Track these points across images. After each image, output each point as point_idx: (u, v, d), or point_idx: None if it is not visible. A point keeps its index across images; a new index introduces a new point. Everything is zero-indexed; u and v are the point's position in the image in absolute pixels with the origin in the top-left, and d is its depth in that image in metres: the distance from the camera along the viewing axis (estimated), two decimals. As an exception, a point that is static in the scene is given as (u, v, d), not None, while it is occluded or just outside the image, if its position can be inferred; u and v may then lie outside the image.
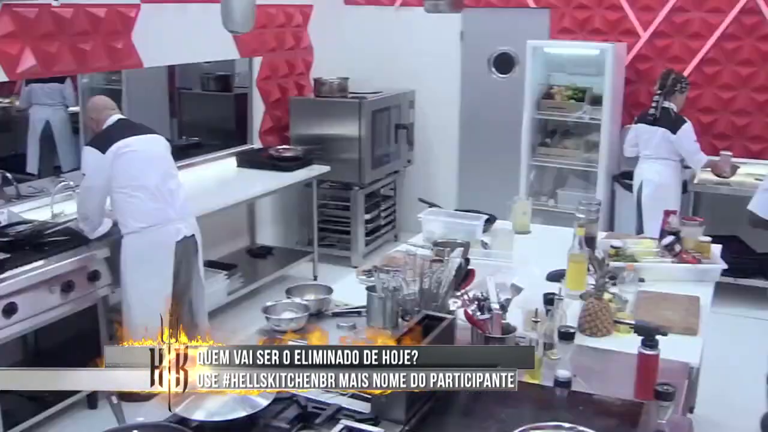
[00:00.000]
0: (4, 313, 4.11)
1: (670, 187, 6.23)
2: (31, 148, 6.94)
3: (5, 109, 8.68)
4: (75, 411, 4.81)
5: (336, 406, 2.59)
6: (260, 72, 7.27)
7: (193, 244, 4.92)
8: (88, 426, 4.26)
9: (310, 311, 3.37)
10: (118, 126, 4.79)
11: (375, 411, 2.54)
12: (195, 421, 2.42)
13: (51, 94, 7.20)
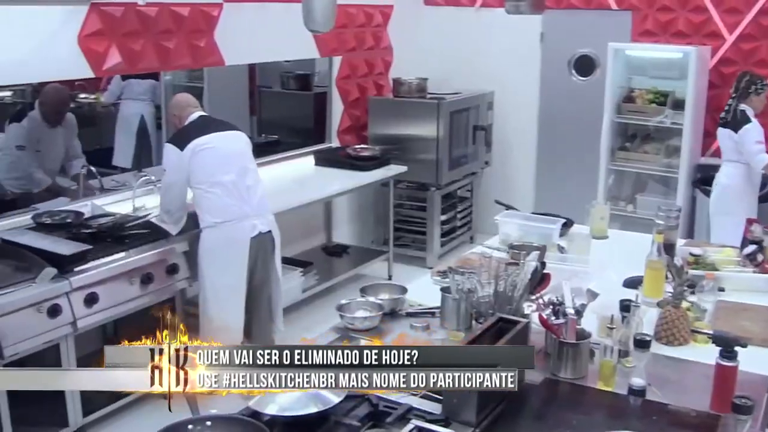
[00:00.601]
0: (86, 302, 4.22)
1: (738, 190, 6.01)
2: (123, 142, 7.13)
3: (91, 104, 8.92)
4: (150, 400, 4.88)
5: (407, 405, 2.59)
6: (340, 71, 7.32)
7: (270, 241, 4.97)
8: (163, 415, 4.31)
9: (384, 310, 3.38)
10: (198, 123, 4.88)
11: (446, 412, 2.54)
12: (267, 415, 2.45)
13: (145, 90, 7.39)
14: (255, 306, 5.00)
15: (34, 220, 4.81)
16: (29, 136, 5.47)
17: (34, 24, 4.66)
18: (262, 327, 5.08)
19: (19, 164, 5.49)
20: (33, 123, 5.46)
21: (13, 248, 4.33)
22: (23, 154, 5.48)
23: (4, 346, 3.82)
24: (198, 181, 4.71)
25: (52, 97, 5.53)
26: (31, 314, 3.96)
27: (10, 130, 5.55)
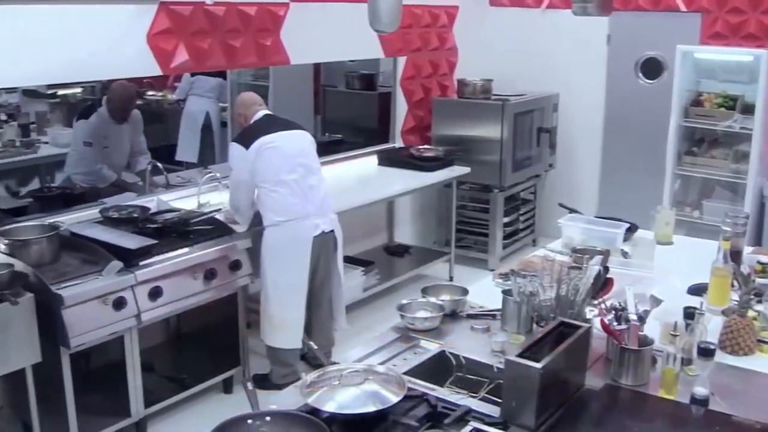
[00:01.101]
0: (150, 296, 4.28)
1: None
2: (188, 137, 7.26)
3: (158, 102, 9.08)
4: (211, 394, 4.97)
5: (466, 407, 2.58)
6: (404, 71, 7.32)
7: (332, 240, 5.00)
8: (223, 410, 4.36)
9: (445, 312, 3.37)
10: (263, 122, 4.93)
11: (504, 415, 2.52)
12: (325, 413, 2.45)
13: (212, 87, 7.52)
14: (316, 304, 5.03)
15: (102, 214, 4.90)
16: (96, 132, 5.58)
17: (105, 22, 4.74)
18: (322, 325, 5.12)
19: (85, 160, 5.61)
20: (100, 119, 5.57)
21: (80, 241, 4.41)
22: (90, 150, 5.60)
23: (71, 337, 3.90)
24: (262, 180, 4.76)
25: (120, 93, 5.64)
26: (96, 306, 4.03)
27: (78, 126, 5.67)
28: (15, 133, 6.56)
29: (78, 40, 4.61)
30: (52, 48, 4.49)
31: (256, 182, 4.78)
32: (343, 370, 2.65)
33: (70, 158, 5.65)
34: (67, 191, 5.50)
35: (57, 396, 4.04)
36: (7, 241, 4.20)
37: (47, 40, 4.46)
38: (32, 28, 4.40)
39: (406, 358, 3.07)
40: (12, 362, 3.80)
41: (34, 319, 3.82)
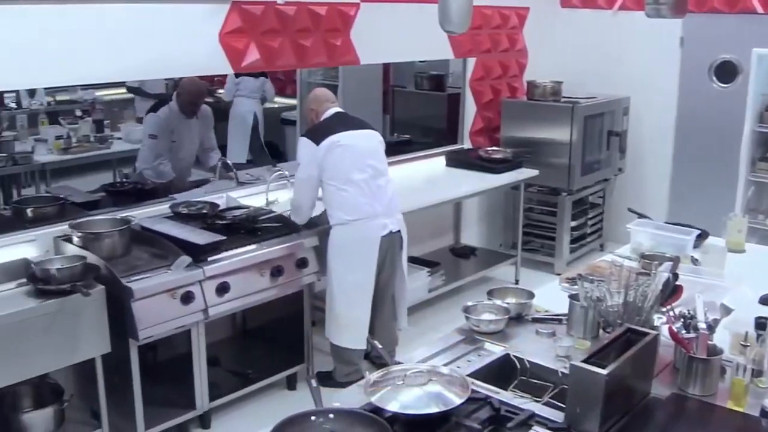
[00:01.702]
0: (218, 291, 4.34)
1: None
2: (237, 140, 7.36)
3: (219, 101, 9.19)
4: (275, 390, 5.02)
5: (529, 412, 2.57)
6: (473, 72, 7.30)
7: (399, 240, 5.01)
8: (286, 405, 4.40)
9: (510, 315, 3.35)
10: (334, 119, 4.95)
11: (568, 421, 2.50)
12: (388, 412, 2.46)
13: (257, 87, 7.61)
14: (379, 303, 5.04)
15: (172, 210, 4.99)
16: (164, 126, 5.68)
17: (179, 21, 4.82)
18: (384, 324, 5.13)
19: (150, 152, 5.71)
20: (170, 114, 5.67)
21: (151, 235, 4.50)
22: (154, 143, 5.70)
23: (140, 329, 3.98)
24: (331, 178, 4.78)
25: (189, 88, 5.73)
26: (165, 300, 4.10)
27: (146, 120, 5.79)
28: (89, 128, 6.72)
29: (152, 38, 4.70)
30: (127, 46, 4.58)
31: (325, 180, 4.80)
32: (406, 370, 2.65)
33: (140, 153, 5.77)
34: (139, 186, 5.62)
35: (125, 386, 4.12)
36: (80, 234, 4.31)
37: (122, 38, 4.55)
38: (108, 26, 4.49)
39: (470, 360, 3.06)
40: (82, 352, 3.90)
41: (104, 310, 3.91)
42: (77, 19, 4.34)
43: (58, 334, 3.76)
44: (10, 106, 6.57)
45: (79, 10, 4.34)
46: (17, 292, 3.90)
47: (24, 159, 5.98)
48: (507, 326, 3.30)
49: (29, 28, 4.15)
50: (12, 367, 3.66)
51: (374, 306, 4.99)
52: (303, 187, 4.88)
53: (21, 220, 4.64)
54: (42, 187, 5.98)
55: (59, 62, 4.30)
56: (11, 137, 6.20)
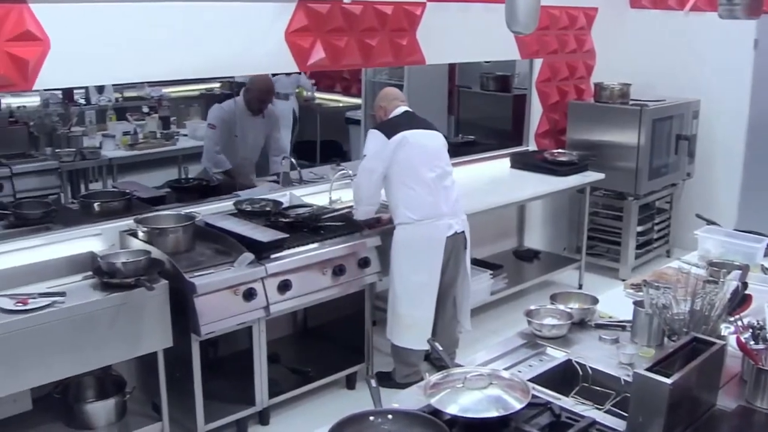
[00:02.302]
0: (279, 288, 4.38)
1: None
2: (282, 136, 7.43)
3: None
4: (334, 389, 5.04)
5: (590, 419, 2.54)
6: (540, 74, 7.24)
7: (463, 241, 5.00)
8: (345, 404, 4.45)
9: (573, 320, 3.32)
10: (404, 117, 4.96)
11: (630, 430, 2.46)
12: (448, 415, 2.45)
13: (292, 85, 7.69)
14: (441, 304, 5.03)
15: (236, 207, 5.05)
16: (227, 118, 5.76)
17: (246, 19, 4.87)
18: (446, 325, 5.11)
19: (209, 143, 5.80)
20: (235, 108, 5.74)
21: (214, 232, 4.56)
22: (212, 133, 5.78)
23: (202, 324, 4.04)
24: (400, 174, 4.77)
25: (258, 84, 5.80)
26: (227, 296, 4.16)
27: (211, 110, 5.87)
28: (156, 125, 6.85)
29: (219, 36, 4.75)
30: (195, 43, 4.64)
31: (393, 177, 4.79)
32: (467, 373, 2.65)
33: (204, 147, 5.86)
34: (203, 183, 5.70)
35: (185, 381, 4.19)
36: (145, 229, 4.39)
37: (190, 36, 4.61)
38: (177, 23, 4.55)
39: (532, 365, 3.04)
40: (145, 345, 3.97)
41: (167, 305, 3.98)
42: (146, 17, 4.41)
43: (121, 327, 3.84)
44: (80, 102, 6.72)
45: (147, 8, 4.41)
46: (83, 284, 3.99)
47: (92, 154, 6.13)
48: (569, 331, 3.27)
49: (98, 25, 4.22)
50: (77, 358, 3.75)
51: (436, 307, 4.98)
52: (364, 179, 4.85)
53: (88, 214, 4.75)
54: (109, 181, 6.12)
55: (128, 59, 4.37)
56: (80, 132, 6.36)
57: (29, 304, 3.65)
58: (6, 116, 6.30)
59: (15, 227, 4.55)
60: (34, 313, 3.60)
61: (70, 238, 4.41)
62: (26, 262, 4.16)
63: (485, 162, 6.94)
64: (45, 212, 4.69)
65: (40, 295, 3.74)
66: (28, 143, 5.99)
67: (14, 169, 5.51)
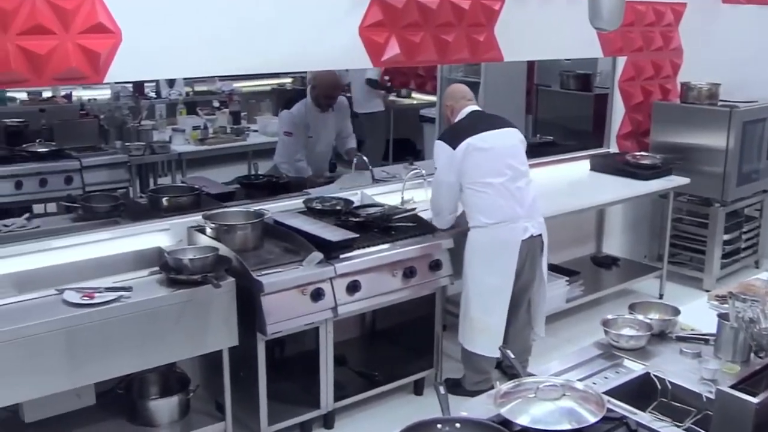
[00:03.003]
0: (348, 289, 4.40)
1: None
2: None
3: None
4: (401, 394, 5.04)
5: (668, 436, 2.51)
6: (623, 72, 7.14)
7: (539, 244, 4.95)
8: (412, 411, 4.45)
9: (653, 331, 3.27)
10: (470, 119, 4.93)
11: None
12: (518, 426, 2.44)
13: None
14: (515, 310, 4.99)
15: (305, 205, 5.09)
16: (299, 122, 5.82)
17: (319, 13, 4.89)
18: (519, 331, 5.08)
19: (286, 149, 5.85)
20: (305, 110, 5.81)
21: (283, 230, 4.60)
22: (289, 140, 5.86)
23: (268, 323, 4.07)
24: (470, 181, 4.75)
25: (324, 81, 5.84)
26: (295, 295, 4.18)
27: (281, 117, 5.94)
28: (226, 120, 6.95)
29: (291, 30, 4.78)
30: (268, 38, 4.68)
31: (463, 183, 4.78)
32: (539, 382, 2.62)
33: (277, 148, 5.92)
34: (273, 180, 5.77)
35: (250, 381, 4.23)
36: (213, 225, 4.45)
37: (263, 30, 4.66)
38: (248, 17, 4.60)
39: (608, 377, 3.00)
40: (210, 343, 4.03)
41: (233, 303, 4.03)
42: (218, 10, 4.47)
43: (187, 324, 3.90)
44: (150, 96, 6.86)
45: (219, 1, 4.47)
46: (150, 280, 4.05)
47: (161, 148, 6.25)
48: (648, 343, 3.22)
49: (170, 18, 4.29)
50: (141, 353, 3.81)
51: (509, 312, 4.95)
52: (441, 192, 4.87)
53: (156, 209, 4.84)
54: (178, 176, 6.23)
55: (199, 53, 4.43)
56: (150, 126, 6.49)
57: (95, 298, 3.73)
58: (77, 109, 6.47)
59: (83, 220, 4.67)
60: (100, 307, 3.68)
61: (138, 233, 4.50)
62: (93, 256, 4.27)
63: (564, 164, 6.87)
64: (113, 206, 4.80)
65: (106, 290, 3.81)
66: (98, 136, 6.14)
67: (84, 162, 5.66)
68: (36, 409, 3.95)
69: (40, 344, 3.51)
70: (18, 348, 3.46)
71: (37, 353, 3.51)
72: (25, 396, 3.66)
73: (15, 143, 5.81)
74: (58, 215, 5.24)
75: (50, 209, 5.53)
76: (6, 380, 3.47)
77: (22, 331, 3.47)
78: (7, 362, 3.45)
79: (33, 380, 3.54)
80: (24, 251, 4.18)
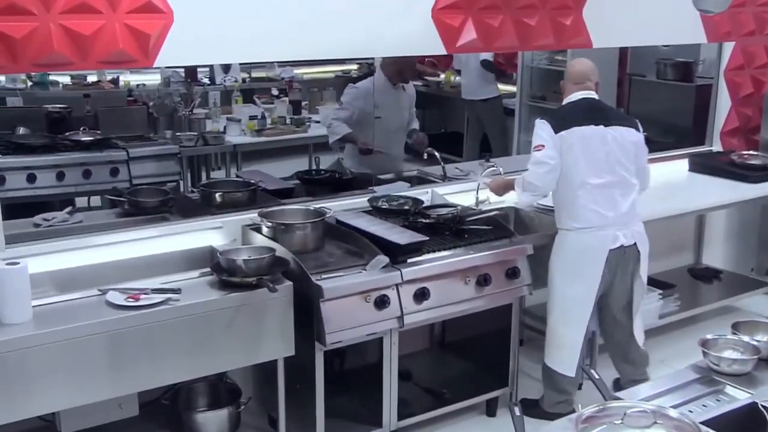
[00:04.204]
0: (416, 297, 4.38)
1: None
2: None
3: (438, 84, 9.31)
4: (471, 414, 5.03)
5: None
6: (730, 60, 7.02)
7: (633, 255, 4.88)
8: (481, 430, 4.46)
9: (760, 355, 3.22)
10: (581, 107, 4.85)
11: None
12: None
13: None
14: (611, 326, 4.99)
15: (371, 204, 5.10)
16: (363, 97, 5.89)
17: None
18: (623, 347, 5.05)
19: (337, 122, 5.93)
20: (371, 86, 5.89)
21: (346, 230, 4.62)
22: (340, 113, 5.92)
23: (327, 332, 4.07)
24: (564, 177, 4.72)
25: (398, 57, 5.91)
26: (357, 302, 4.19)
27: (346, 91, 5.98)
28: (285, 109, 6.97)
29: (357, 13, 4.78)
30: (330, 21, 4.69)
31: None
32: (627, 407, 2.60)
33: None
34: (336, 176, 5.79)
35: (306, 394, 4.26)
36: (270, 223, 4.49)
37: (326, 13, 4.67)
38: (315, 2, 4.62)
39: (706, 405, 2.98)
40: (264, 352, 4.07)
41: (290, 309, 4.06)
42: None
43: (239, 331, 3.94)
44: (203, 82, 6.94)
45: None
46: (200, 281, 4.10)
47: (215, 139, 6.32)
48: (755, 369, 3.18)
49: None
50: (190, 361, 3.86)
51: (607, 330, 4.95)
52: (535, 171, 4.73)
53: (209, 205, 4.91)
54: (232, 170, 6.30)
55: (257, 36, 4.45)
56: (203, 115, 6.56)
57: (141, 300, 3.78)
58: (124, 95, 6.57)
59: (130, 216, 4.76)
60: (146, 310, 3.73)
61: (188, 231, 4.57)
62: (140, 255, 4.35)
63: (659, 163, 6.74)
64: (162, 201, 4.88)
65: (153, 291, 3.87)
66: (147, 125, 6.24)
67: (131, 152, 5.75)
68: (74, 420, 3.97)
69: (81, 349, 3.57)
70: (56, 352, 3.52)
71: (76, 359, 3.57)
72: (62, 405, 3.71)
73: (57, 131, 5.93)
74: (102, 210, 5.37)
75: (94, 203, 5.65)
76: (42, 387, 3.53)
77: (61, 333, 3.53)
78: (45, 367, 3.51)
79: (72, 388, 3.60)
80: (65, 248, 4.25)
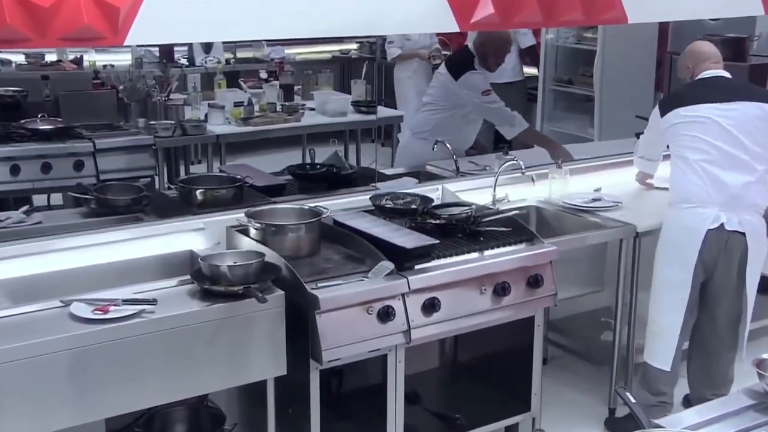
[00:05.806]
0: (424, 308, 4.37)
1: None
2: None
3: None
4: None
5: None
6: (789, 36, 7.03)
7: (740, 247, 4.91)
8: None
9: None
10: (700, 85, 5.16)
11: None
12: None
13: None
14: (707, 323, 5.06)
15: (373, 202, 5.10)
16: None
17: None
18: (711, 356, 5.11)
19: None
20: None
21: (345, 233, 4.64)
22: None
23: (324, 349, 4.05)
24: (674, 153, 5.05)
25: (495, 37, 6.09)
26: (358, 314, 4.18)
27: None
28: (276, 94, 6.92)
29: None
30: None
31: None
32: (670, 438, 2.61)
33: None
34: (334, 171, 5.78)
35: (300, 419, 4.25)
36: (259, 225, 4.48)
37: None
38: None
39: (763, 437, 2.97)
40: (252, 372, 4.07)
41: (282, 322, 4.05)
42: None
43: (224, 347, 3.94)
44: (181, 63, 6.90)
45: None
46: (179, 291, 4.10)
47: (195, 128, 6.28)
48: None
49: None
50: (166, 382, 3.85)
51: (696, 326, 5.04)
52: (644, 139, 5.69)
53: (188, 204, 4.92)
54: (215, 164, 6.28)
55: (244, 11, 4.38)
56: (181, 101, 6.50)
57: (110, 312, 3.75)
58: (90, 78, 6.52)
59: (97, 216, 4.76)
60: (115, 323, 3.71)
61: (165, 233, 4.58)
62: (109, 260, 4.35)
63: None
64: (135, 199, 4.89)
65: (124, 302, 3.84)
66: (116, 112, 6.20)
67: (98, 143, 5.73)
68: (34, 450, 3.99)
69: (40, 369, 3.54)
70: (11, 374, 3.48)
71: (35, 380, 3.54)
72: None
73: (10, 118, 5.88)
74: (64, 209, 5.36)
75: (55, 201, 5.64)
76: (-4, 413, 3.51)
77: (17, 352, 3.49)
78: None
79: (30, 414, 3.56)
80: (21, 252, 4.24)
